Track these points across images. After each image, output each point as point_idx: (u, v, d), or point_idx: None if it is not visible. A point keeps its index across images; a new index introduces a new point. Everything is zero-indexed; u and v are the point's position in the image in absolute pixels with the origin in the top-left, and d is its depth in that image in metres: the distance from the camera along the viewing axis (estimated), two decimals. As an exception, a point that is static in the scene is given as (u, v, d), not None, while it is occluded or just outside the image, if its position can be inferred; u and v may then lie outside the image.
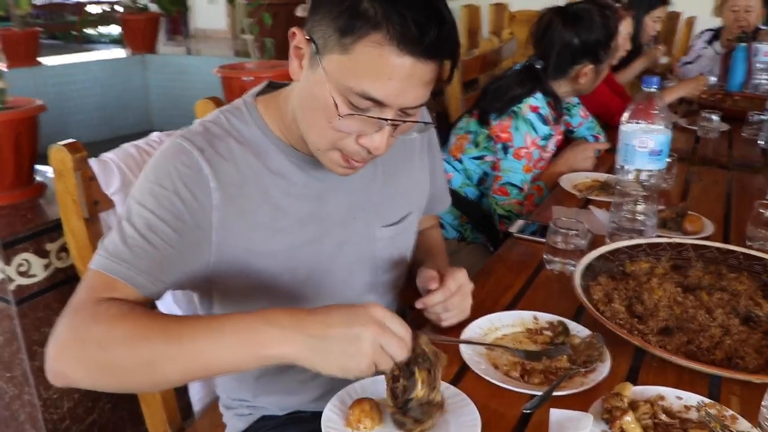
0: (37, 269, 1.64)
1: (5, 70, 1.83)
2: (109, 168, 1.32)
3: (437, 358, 0.88)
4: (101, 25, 8.22)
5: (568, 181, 1.97)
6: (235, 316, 0.85)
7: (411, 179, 1.25)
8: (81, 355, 0.85)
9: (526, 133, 1.97)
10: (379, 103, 0.93)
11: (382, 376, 0.88)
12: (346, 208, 1.14)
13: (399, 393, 0.87)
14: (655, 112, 1.44)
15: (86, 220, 1.30)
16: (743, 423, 0.90)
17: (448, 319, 1.15)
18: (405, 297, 1.32)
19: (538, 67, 2.02)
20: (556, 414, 0.88)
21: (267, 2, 3.02)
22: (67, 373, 0.86)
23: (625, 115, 1.46)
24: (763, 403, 0.88)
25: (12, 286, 1.59)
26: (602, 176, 2.01)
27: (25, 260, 1.61)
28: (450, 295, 1.12)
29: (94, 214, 1.32)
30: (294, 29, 0.97)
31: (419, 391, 0.86)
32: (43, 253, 1.65)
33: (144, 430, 1.89)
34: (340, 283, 1.16)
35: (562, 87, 2.06)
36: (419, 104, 0.96)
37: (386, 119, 0.94)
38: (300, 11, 3.34)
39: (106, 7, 8.56)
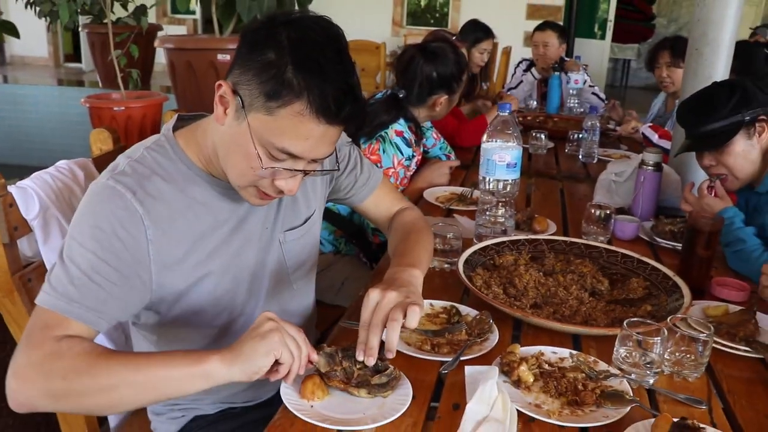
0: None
1: None
2: (28, 195, 1.37)
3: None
4: None
5: (431, 195, 2.25)
6: (182, 350, 1.03)
7: (311, 186, 1.40)
8: (45, 386, 0.97)
9: (393, 155, 2.22)
10: (294, 156, 1.08)
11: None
12: (262, 222, 1.29)
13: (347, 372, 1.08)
14: (510, 132, 1.74)
15: (5, 245, 1.35)
16: (602, 364, 1.18)
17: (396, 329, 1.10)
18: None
19: (401, 96, 2.28)
20: (469, 370, 1.11)
21: (134, 33, 3.06)
22: (31, 403, 0.98)
23: (485, 136, 1.76)
24: (614, 349, 1.18)
25: None
26: (458, 189, 2.31)
27: None
28: (368, 325, 1.11)
29: (13, 239, 1.37)
30: (220, 82, 1.09)
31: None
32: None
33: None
34: (260, 286, 1.31)
35: (420, 113, 2.34)
36: (327, 156, 1.13)
37: (299, 170, 1.11)
38: (158, 42, 3.38)
39: None
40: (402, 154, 2.25)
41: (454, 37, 3.50)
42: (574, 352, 1.22)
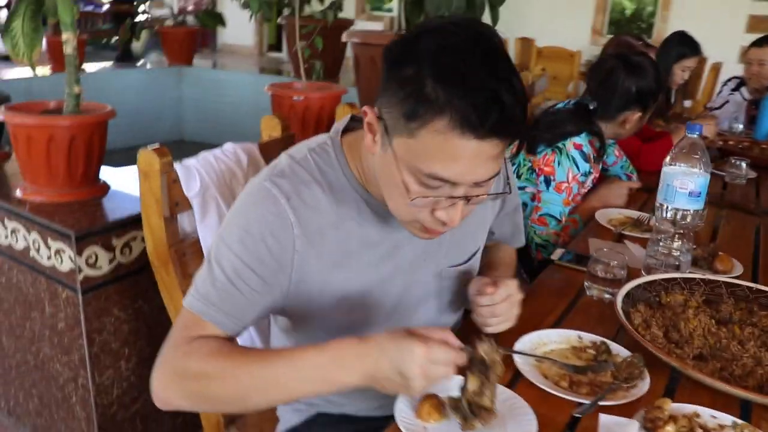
0: (103, 262, 1.75)
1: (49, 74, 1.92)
2: (191, 173, 1.43)
3: (493, 366, 0.98)
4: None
5: (603, 216, 2.07)
6: (309, 353, 0.97)
7: (481, 218, 1.31)
8: (181, 387, 1.02)
9: (569, 168, 2.08)
10: (448, 182, 0.95)
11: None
12: (419, 254, 1.20)
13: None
14: (697, 156, 1.55)
15: (166, 219, 1.42)
16: (774, 443, 0.99)
17: (494, 326, 1.18)
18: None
19: (591, 107, 2.14)
20: (605, 419, 0.98)
21: (320, 26, 3.18)
22: (171, 401, 1.03)
23: (668, 158, 1.58)
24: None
25: (80, 276, 1.71)
26: (635, 213, 2.11)
27: (94, 253, 1.72)
28: (499, 301, 1.16)
29: (174, 214, 1.44)
30: (366, 108, 1.00)
31: (468, 392, 0.97)
32: (109, 248, 1.76)
33: (181, 422, 2.00)
34: (403, 315, 1.22)
35: (607, 129, 2.18)
36: (490, 177, 0.97)
37: (457, 197, 0.97)
38: (345, 36, 3.46)
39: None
40: (578, 169, 2.10)
41: (640, 42, 3.25)
42: (740, 421, 1.04)
